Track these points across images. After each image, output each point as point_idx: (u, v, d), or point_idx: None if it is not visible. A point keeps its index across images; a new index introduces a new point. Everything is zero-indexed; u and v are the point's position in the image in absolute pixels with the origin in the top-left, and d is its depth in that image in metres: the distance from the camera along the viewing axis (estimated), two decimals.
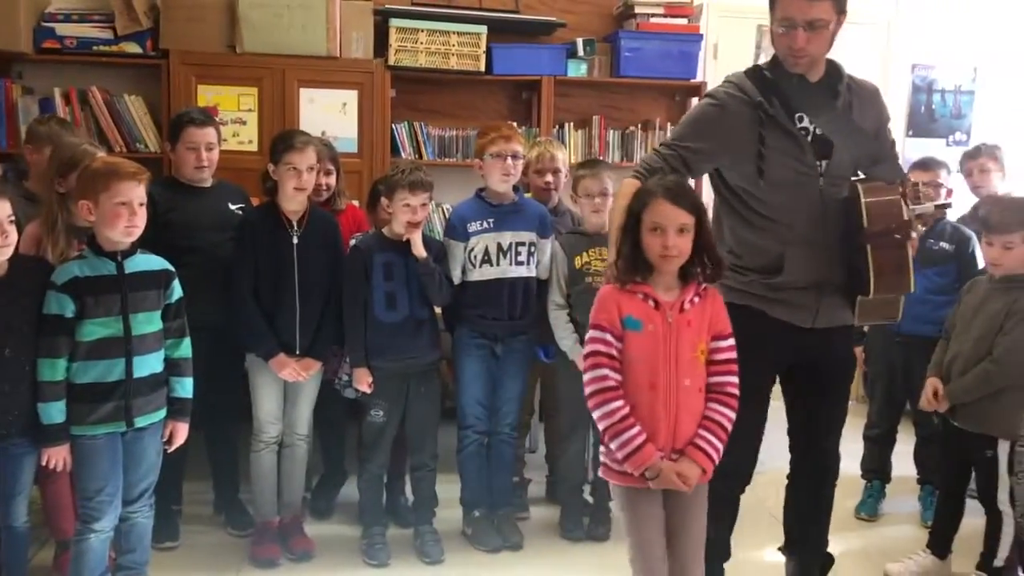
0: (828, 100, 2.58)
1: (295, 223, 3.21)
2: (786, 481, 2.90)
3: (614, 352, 2.29)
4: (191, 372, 2.80)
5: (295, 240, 3.20)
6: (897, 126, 5.49)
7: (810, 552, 2.89)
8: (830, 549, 2.94)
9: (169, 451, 2.79)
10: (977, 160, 3.97)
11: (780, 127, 2.54)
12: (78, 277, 2.56)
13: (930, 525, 3.46)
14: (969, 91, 5.54)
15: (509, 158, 3.32)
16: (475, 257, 3.35)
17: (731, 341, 2.36)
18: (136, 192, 2.58)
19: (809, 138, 2.58)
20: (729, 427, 2.33)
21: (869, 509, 3.87)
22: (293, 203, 3.20)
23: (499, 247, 3.35)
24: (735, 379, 2.34)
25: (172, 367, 2.75)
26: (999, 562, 3.12)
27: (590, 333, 2.33)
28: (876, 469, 3.93)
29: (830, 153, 2.58)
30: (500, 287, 3.36)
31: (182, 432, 2.79)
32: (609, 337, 2.30)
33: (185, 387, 2.78)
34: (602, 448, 2.38)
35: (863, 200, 2.50)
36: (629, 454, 2.26)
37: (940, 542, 3.27)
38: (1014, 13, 5.34)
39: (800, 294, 2.59)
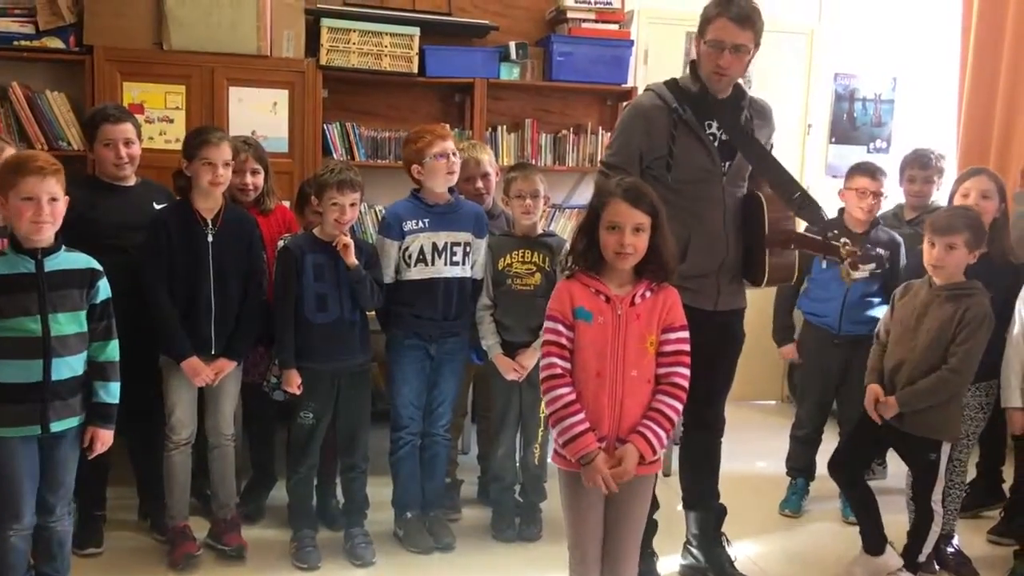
0: (734, 112, 2.99)
1: (209, 221, 3.16)
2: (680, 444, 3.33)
3: (563, 341, 2.41)
4: (118, 376, 2.71)
5: (210, 238, 3.15)
6: (819, 133, 5.64)
7: (707, 504, 3.27)
8: (758, 546, 3.08)
9: (89, 458, 2.72)
10: (926, 171, 4.02)
11: (690, 131, 2.94)
12: None
13: (851, 520, 3.56)
14: (889, 100, 5.71)
15: (451, 155, 3.34)
16: (410, 256, 3.35)
17: (682, 334, 2.43)
18: (42, 187, 2.49)
19: (716, 143, 2.97)
20: (674, 418, 2.41)
21: (793, 506, 3.97)
22: (208, 199, 3.15)
23: (434, 247, 3.35)
24: (683, 370, 2.42)
25: (97, 370, 2.67)
26: (922, 558, 3.23)
27: (546, 323, 2.45)
28: (801, 468, 4.03)
29: (733, 156, 2.99)
30: (434, 286, 3.36)
31: (104, 439, 2.70)
32: (560, 327, 2.41)
33: (110, 392, 2.69)
34: (552, 431, 2.47)
35: (766, 213, 2.96)
36: (568, 440, 2.37)
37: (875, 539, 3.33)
38: (931, 26, 5.51)
39: (702, 281, 2.93)
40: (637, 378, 2.38)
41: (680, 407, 2.42)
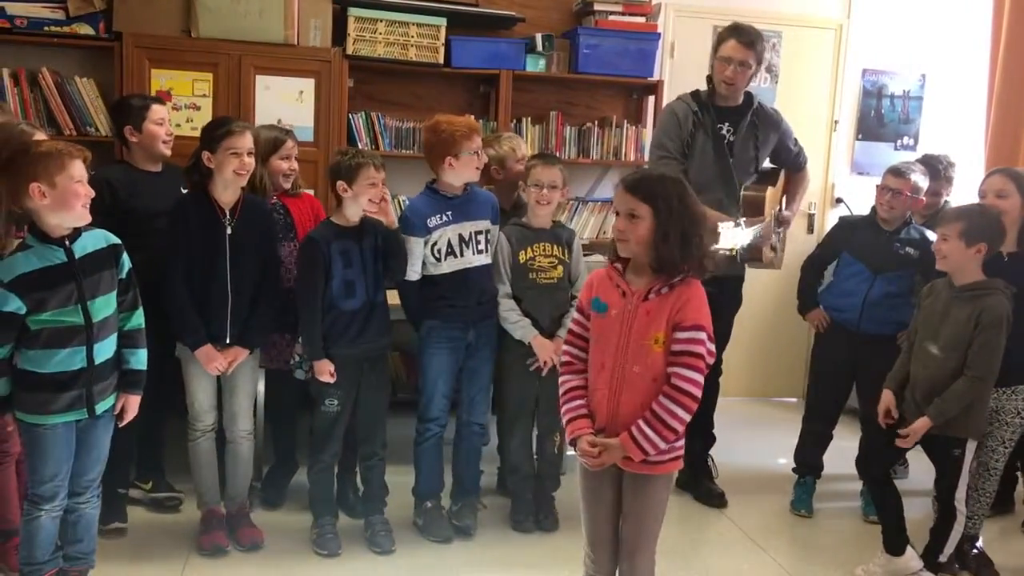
0: (739, 119, 3.78)
1: (228, 212, 3.17)
2: None
3: (579, 330, 2.48)
4: (145, 343, 2.75)
5: (228, 230, 3.16)
6: (846, 129, 5.60)
7: (700, 431, 3.81)
8: (778, 543, 3.10)
9: (120, 425, 2.74)
10: (934, 182, 3.96)
11: (705, 131, 3.75)
12: (26, 273, 2.48)
13: (872, 519, 3.54)
14: (917, 97, 5.66)
15: (480, 152, 3.37)
16: (438, 251, 3.35)
17: (693, 334, 2.31)
18: (84, 170, 2.55)
19: (725, 142, 3.76)
20: (673, 423, 2.30)
21: (807, 506, 3.93)
22: (229, 191, 3.16)
23: (460, 238, 3.37)
24: (686, 372, 2.30)
25: (126, 338, 2.70)
26: (943, 558, 3.21)
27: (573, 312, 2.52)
28: (810, 465, 4.00)
29: (734, 153, 3.78)
30: (466, 276, 3.38)
31: (134, 405, 2.74)
32: (580, 316, 2.49)
33: (139, 359, 2.73)
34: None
35: (741, 193, 3.78)
36: (566, 424, 2.46)
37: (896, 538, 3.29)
38: (961, 22, 5.46)
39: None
40: (640, 374, 2.34)
41: (681, 412, 2.30)
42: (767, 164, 3.99)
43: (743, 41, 3.68)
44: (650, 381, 2.34)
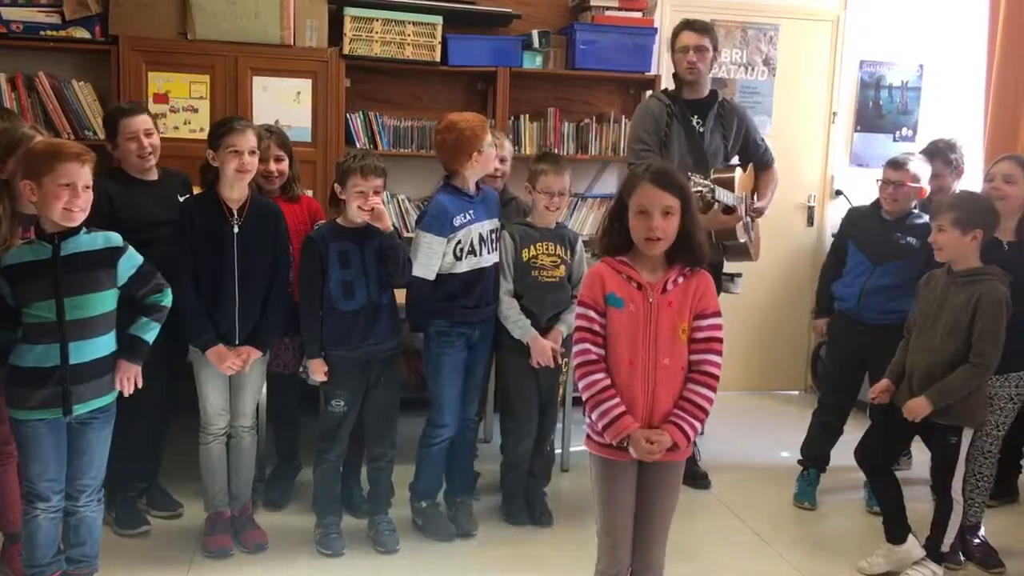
0: (707, 111, 4.02)
1: (235, 212, 3.17)
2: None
3: (596, 327, 2.40)
4: (162, 320, 2.76)
5: (236, 230, 3.16)
6: (844, 121, 5.59)
7: None
8: (781, 536, 3.08)
9: (125, 393, 2.72)
10: (931, 164, 3.92)
11: (679, 123, 3.98)
12: (16, 264, 2.54)
13: (875, 510, 3.53)
14: (915, 88, 5.65)
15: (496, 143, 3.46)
16: (461, 250, 3.34)
17: (714, 320, 2.40)
18: (80, 173, 2.52)
19: (697, 132, 3.99)
20: (707, 407, 2.39)
21: (810, 498, 3.92)
22: (235, 189, 3.15)
23: (480, 237, 3.37)
24: (715, 358, 2.39)
25: (146, 309, 2.72)
26: (945, 548, 3.22)
27: (577, 309, 2.45)
28: (816, 456, 3.98)
29: (704, 141, 4.01)
30: (480, 275, 3.38)
31: (128, 371, 2.70)
32: (592, 313, 2.40)
33: (148, 329, 2.73)
34: (586, 418, 2.46)
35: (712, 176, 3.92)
36: (607, 424, 2.36)
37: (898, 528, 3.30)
38: (958, 12, 5.45)
39: None
40: (670, 366, 2.37)
41: (713, 396, 2.39)
42: (735, 161, 4.12)
43: (696, 29, 3.96)
44: (678, 371, 2.39)
